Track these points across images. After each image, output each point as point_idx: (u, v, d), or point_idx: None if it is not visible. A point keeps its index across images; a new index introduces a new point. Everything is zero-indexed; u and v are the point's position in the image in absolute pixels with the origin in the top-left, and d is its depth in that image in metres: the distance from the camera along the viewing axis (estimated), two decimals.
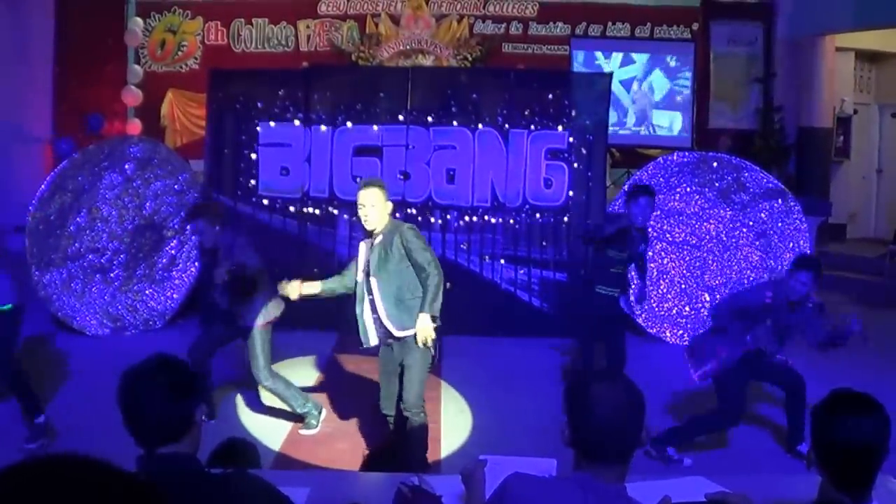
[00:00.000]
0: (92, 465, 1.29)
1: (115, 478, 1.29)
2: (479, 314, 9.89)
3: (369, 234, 5.81)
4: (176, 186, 10.19)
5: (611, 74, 11.22)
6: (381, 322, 5.79)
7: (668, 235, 10.01)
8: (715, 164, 10.20)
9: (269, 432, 6.84)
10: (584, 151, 10.13)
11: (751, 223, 10.04)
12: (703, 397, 8.01)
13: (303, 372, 8.44)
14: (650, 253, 8.71)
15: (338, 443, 6.66)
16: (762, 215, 10.04)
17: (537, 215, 10.08)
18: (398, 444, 5.46)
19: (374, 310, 5.80)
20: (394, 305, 5.77)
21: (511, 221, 10.13)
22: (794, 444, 6.61)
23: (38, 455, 1.30)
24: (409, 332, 5.75)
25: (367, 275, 5.78)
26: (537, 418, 6.99)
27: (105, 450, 1.49)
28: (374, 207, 5.71)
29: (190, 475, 2.56)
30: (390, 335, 5.81)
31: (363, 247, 5.86)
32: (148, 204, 10.06)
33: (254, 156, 10.12)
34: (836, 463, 2.55)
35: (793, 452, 6.60)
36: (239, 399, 7.64)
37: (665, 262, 10.02)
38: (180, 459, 2.58)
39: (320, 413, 6.95)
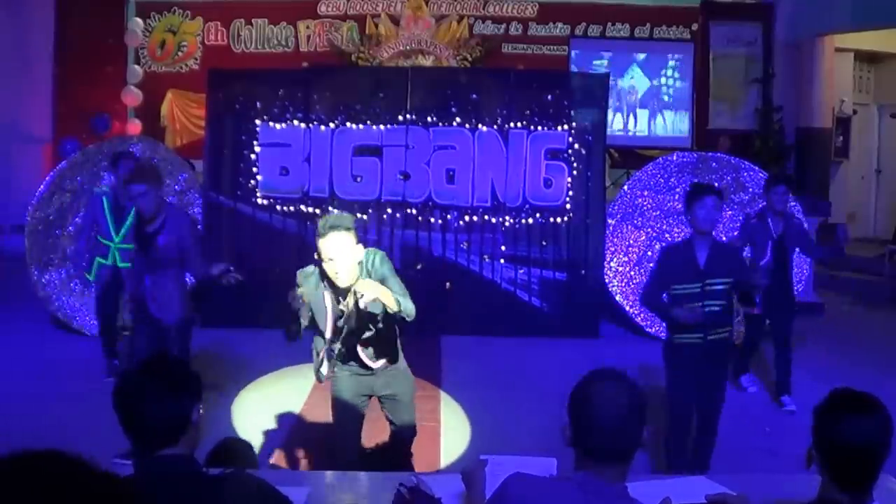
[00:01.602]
0: (66, 462, 1.28)
1: (90, 475, 1.28)
2: (479, 314, 9.91)
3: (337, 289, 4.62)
4: (176, 186, 10.18)
5: (609, 75, 11.23)
6: (364, 365, 4.87)
7: (667, 235, 10.01)
8: (714, 164, 10.21)
9: (269, 432, 6.84)
10: (583, 152, 10.13)
11: None
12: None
13: (300, 372, 8.43)
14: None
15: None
16: None
17: (537, 215, 10.08)
18: (398, 444, 5.39)
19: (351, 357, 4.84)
20: (378, 350, 4.88)
21: (511, 221, 10.12)
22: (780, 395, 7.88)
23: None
24: (400, 364, 5.01)
25: (343, 333, 4.66)
26: (537, 418, 6.99)
27: (103, 450, 1.49)
28: (343, 257, 4.45)
29: (188, 477, 2.55)
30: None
31: (328, 298, 4.63)
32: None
33: (253, 156, 10.11)
34: (837, 463, 2.55)
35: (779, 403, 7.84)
36: (238, 399, 7.64)
37: None
38: (178, 461, 2.56)
39: None
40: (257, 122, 10.14)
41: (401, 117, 10.12)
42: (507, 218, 10.12)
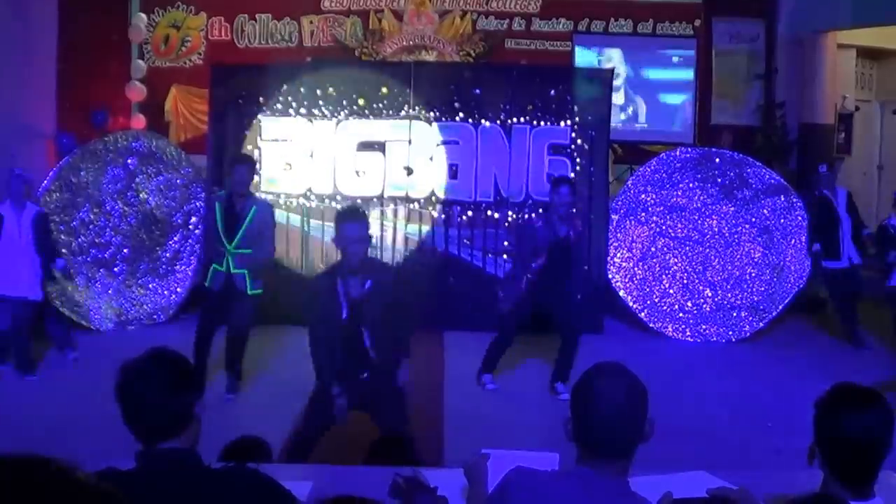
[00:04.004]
0: (46, 466, 1.27)
1: (70, 480, 1.27)
2: (482, 309, 9.91)
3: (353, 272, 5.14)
4: (179, 181, 10.22)
5: (612, 70, 11.23)
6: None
7: (670, 231, 10.03)
8: (717, 160, 10.22)
9: (271, 427, 6.85)
10: (586, 147, 10.14)
11: (753, 219, 10.05)
12: (706, 393, 8.04)
13: (303, 367, 8.44)
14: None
15: (340, 436, 6.67)
16: (764, 211, 10.05)
17: (540, 210, 10.09)
18: (401, 438, 5.40)
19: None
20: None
21: (514, 216, 10.14)
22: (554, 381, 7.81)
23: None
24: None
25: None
26: (539, 413, 7.02)
27: (105, 445, 1.51)
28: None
29: (189, 470, 2.56)
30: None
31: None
32: (151, 198, 10.08)
33: (256, 151, 10.12)
34: (838, 457, 2.56)
35: (552, 390, 7.75)
36: (239, 394, 7.66)
37: (667, 257, 10.03)
38: (179, 455, 2.58)
39: None
40: (260, 117, 10.16)
41: (404, 112, 10.14)
42: (509, 213, 10.14)
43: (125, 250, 9.98)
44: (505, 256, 10.16)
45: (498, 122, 10.11)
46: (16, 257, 8.03)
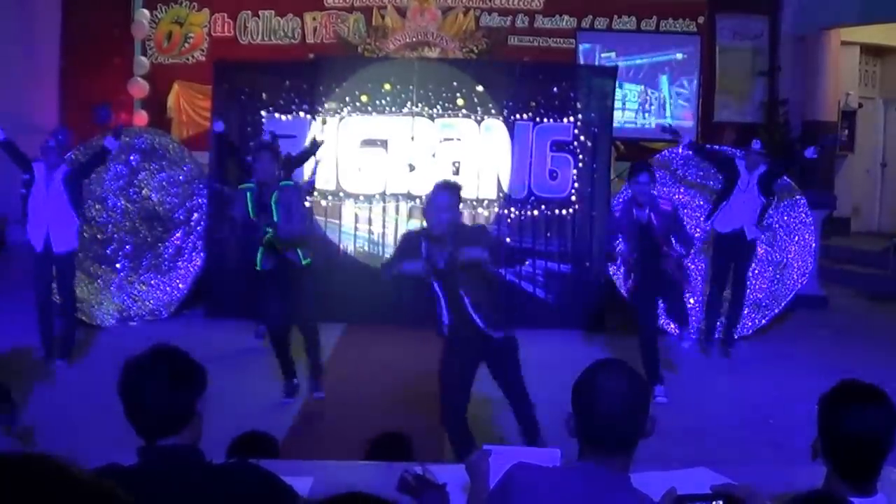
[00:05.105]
0: (46, 464, 1.26)
1: (72, 482, 1.26)
2: None
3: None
4: (181, 177, 10.21)
5: (616, 67, 11.22)
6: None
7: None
8: None
9: (272, 422, 6.85)
10: (588, 144, 10.14)
11: None
12: (707, 390, 8.03)
13: (304, 361, 8.43)
14: None
15: (341, 432, 6.68)
16: None
17: (542, 207, 10.09)
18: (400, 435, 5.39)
19: None
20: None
21: (516, 213, 10.14)
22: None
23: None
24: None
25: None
26: (541, 409, 7.00)
27: (107, 441, 1.50)
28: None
29: (190, 466, 2.56)
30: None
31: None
32: (153, 195, 10.08)
33: None
34: (841, 453, 2.55)
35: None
36: (240, 389, 7.65)
37: None
38: (180, 451, 2.58)
39: None
40: (263, 113, 10.15)
41: (407, 109, 10.13)
42: (512, 210, 10.14)
43: (127, 246, 9.98)
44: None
45: (500, 118, 10.10)
46: (45, 213, 8.14)
